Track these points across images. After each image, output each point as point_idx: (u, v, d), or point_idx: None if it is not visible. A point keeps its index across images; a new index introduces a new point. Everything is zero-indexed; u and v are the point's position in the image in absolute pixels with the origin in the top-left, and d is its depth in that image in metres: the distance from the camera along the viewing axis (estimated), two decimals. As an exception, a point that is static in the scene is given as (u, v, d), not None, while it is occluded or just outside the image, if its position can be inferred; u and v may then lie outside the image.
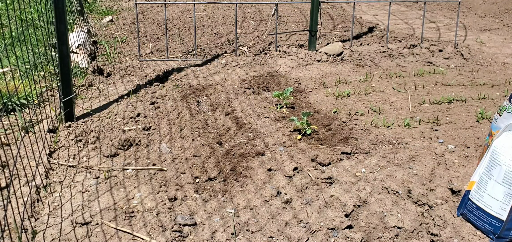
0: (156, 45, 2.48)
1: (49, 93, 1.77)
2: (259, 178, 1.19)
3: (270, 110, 1.61)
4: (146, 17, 3.11)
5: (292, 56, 2.26)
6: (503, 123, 1.04)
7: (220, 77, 1.99)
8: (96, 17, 3.14)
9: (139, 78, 1.97)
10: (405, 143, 1.40)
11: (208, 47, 2.43)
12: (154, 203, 1.12)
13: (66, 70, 1.54)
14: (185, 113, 1.58)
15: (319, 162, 1.27)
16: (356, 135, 1.46)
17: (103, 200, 1.14)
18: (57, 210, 1.10)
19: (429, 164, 1.24)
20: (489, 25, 3.08)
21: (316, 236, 1.00)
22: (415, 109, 1.66)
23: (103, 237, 1.00)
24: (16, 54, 1.78)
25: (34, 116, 1.59)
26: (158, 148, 1.39)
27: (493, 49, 2.52)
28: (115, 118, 1.60)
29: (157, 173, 1.26)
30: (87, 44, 2.33)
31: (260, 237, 1.00)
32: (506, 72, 2.15)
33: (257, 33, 2.71)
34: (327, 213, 1.05)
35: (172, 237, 0.99)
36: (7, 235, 0.95)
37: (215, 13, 3.23)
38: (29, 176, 1.20)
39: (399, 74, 2.07)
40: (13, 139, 1.43)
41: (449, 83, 1.96)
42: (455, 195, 1.13)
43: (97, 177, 1.25)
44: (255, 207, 1.09)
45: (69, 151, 1.38)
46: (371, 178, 1.18)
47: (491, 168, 1.00)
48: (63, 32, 1.49)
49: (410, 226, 1.02)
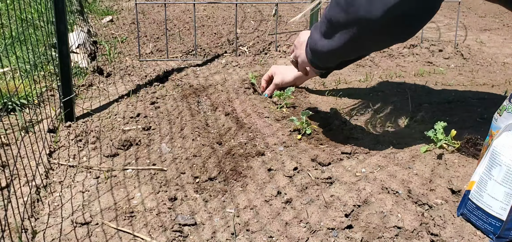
0: (156, 45, 2.48)
1: (49, 93, 1.77)
2: (260, 178, 1.20)
3: (271, 110, 1.61)
4: (146, 17, 3.11)
5: (292, 56, 2.26)
6: (503, 123, 1.04)
7: (220, 77, 1.99)
8: (96, 17, 3.14)
9: (139, 78, 1.97)
10: (405, 142, 1.40)
11: (208, 47, 2.43)
12: (155, 203, 1.12)
13: (66, 70, 1.54)
14: (185, 113, 1.58)
15: (319, 162, 1.27)
16: (356, 134, 1.46)
17: (103, 200, 1.14)
18: (57, 210, 1.10)
19: (429, 164, 1.24)
20: (489, 25, 3.08)
21: (317, 235, 1.00)
22: (415, 109, 1.66)
23: (103, 237, 1.00)
24: (16, 54, 1.78)
25: (34, 116, 1.59)
26: (159, 148, 1.39)
27: (493, 49, 2.52)
28: (115, 118, 1.60)
29: (158, 173, 1.26)
30: (87, 44, 2.33)
31: (260, 237, 1.00)
32: (506, 72, 2.15)
33: (257, 33, 2.71)
34: (327, 213, 1.05)
35: (173, 237, 0.99)
36: (7, 235, 0.95)
37: (215, 13, 3.23)
38: (29, 176, 1.20)
39: (399, 74, 2.07)
40: (13, 138, 1.43)
41: (449, 83, 1.96)
42: (455, 195, 1.13)
43: (97, 177, 1.25)
44: (256, 207, 1.09)
45: (69, 151, 1.38)
46: (371, 178, 1.18)
47: (491, 168, 1.00)
48: (63, 32, 1.49)
49: (410, 226, 1.02)
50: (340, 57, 1.30)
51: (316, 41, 1.27)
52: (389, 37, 1.15)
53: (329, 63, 1.37)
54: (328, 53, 1.25)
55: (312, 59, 1.35)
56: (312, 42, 1.30)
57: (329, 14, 1.17)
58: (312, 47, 1.31)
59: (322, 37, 1.24)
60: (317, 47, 1.27)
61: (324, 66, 1.40)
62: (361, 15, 1.07)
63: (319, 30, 1.26)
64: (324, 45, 1.24)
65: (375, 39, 1.17)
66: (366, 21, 1.07)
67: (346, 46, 1.18)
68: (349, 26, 1.12)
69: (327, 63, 1.37)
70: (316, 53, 1.30)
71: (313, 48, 1.30)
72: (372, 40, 1.17)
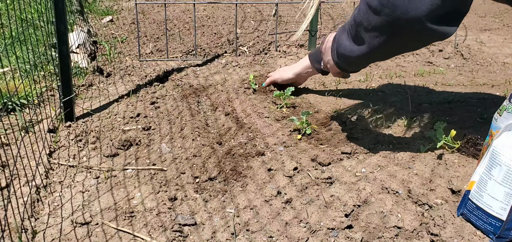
0: (156, 45, 2.48)
1: (49, 93, 1.77)
2: (260, 178, 1.20)
3: (271, 110, 1.61)
4: (146, 17, 3.11)
5: (292, 56, 2.26)
6: (503, 123, 1.04)
7: (220, 77, 1.99)
8: (96, 17, 3.14)
9: (139, 78, 1.97)
10: (405, 142, 1.40)
11: (208, 47, 2.43)
12: (155, 203, 1.12)
13: (66, 70, 1.54)
14: (185, 113, 1.58)
15: (319, 162, 1.27)
16: (356, 134, 1.46)
17: (104, 200, 1.14)
18: (57, 210, 1.10)
19: (429, 164, 1.24)
20: (489, 25, 3.08)
21: (317, 235, 1.00)
22: (415, 109, 1.66)
23: (103, 237, 1.00)
24: (16, 54, 1.78)
25: (34, 116, 1.59)
26: (158, 148, 1.39)
27: (493, 49, 2.52)
28: (115, 118, 1.60)
29: (158, 173, 1.26)
30: (87, 44, 2.33)
31: (260, 237, 1.00)
32: (506, 72, 2.15)
33: (257, 33, 2.71)
34: (327, 213, 1.05)
35: (173, 237, 0.99)
36: (7, 235, 0.95)
37: (215, 13, 3.23)
38: (29, 176, 1.20)
39: (399, 74, 2.07)
40: (13, 138, 1.43)
41: (449, 83, 1.96)
42: (455, 195, 1.13)
43: (97, 177, 1.25)
44: (256, 207, 1.09)
45: (69, 151, 1.38)
46: (371, 178, 1.18)
47: (491, 168, 1.00)
48: (63, 32, 1.49)
49: (410, 226, 1.02)
50: (371, 61, 1.29)
51: (346, 47, 1.24)
52: (429, 36, 1.07)
53: (360, 67, 1.36)
54: (358, 58, 1.22)
55: (342, 65, 1.33)
56: (341, 48, 1.27)
57: (359, 18, 1.14)
58: (341, 53, 1.28)
59: (352, 42, 1.21)
60: (346, 53, 1.25)
61: (354, 70, 1.39)
62: (397, 15, 1.03)
63: (348, 35, 1.23)
64: (355, 51, 1.21)
65: (411, 40, 1.10)
66: (406, 20, 1.02)
67: (378, 50, 1.14)
68: (383, 28, 1.08)
69: (357, 68, 1.36)
70: (345, 59, 1.28)
71: (342, 54, 1.27)
72: (408, 41, 1.11)
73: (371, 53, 1.17)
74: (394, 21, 1.05)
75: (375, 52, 1.16)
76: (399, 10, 1.02)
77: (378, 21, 1.08)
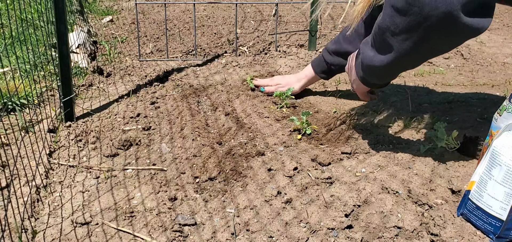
0: (156, 45, 2.48)
1: (49, 93, 1.77)
2: (260, 178, 1.20)
3: (271, 110, 1.61)
4: (146, 17, 3.11)
5: (292, 56, 2.26)
6: (503, 123, 1.04)
7: (220, 77, 1.99)
8: (96, 17, 3.14)
9: (139, 78, 1.97)
10: (405, 142, 1.40)
11: (208, 47, 2.43)
12: (155, 203, 1.12)
13: (66, 70, 1.54)
14: (185, 113, 1.58)
15: (319, 162, 1.27)
16: (356, 134, 1.46)
17: (104, 200, 1.14)
18: (57, 210, 1.10)
19: (429, 164, 1.24)
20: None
21: (317, 235, 1.00)
22: (415, 109, 1.66)
23: (103, 237, 1.00)
24: (16, 54, 1.78)
25: (34, 116, 1.59)
26: (159, 148, 1.39)
27: (493, 49, 2.52)
28: (115, 118, 1.60)
29: (158, 173, 1.26)
30: (87, 44, 2.33)
31: (260, 237, 1.00)
32: (506, 72, 2.15)
33: (257, 33, 2.71)
34: (327, 213, 1.05)
35: (173, 237, 0.99)
36: (7, 235, 0.96)
37: (215, 13, 3.23)
38: (29, 176, 1.20)
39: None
40: (13, 138, 1.43)
41: (449, 83, 1.96)
42: (455, 195, 1.13)
43: (97, 177, 1.25)
44: (256, 207, 1.09)
45: (69, 151, 1.38)
46: (371, 178, 1.18)
47: (491, 168, 1.00)
48: (63, 32, 1.49)
49: (410, 226, 1.02)
50: (400, 69, 1.19)
51: (371, 58, 1.16)
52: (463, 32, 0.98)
53: (388, 78, 1.26)
54: (387, 67, 1.13)
55: (368, 78, 1.25)
56: (366, 60, 1.18)
57: (384, 24, 1.06)
58: (366, 65, 1.20)
59: (377, 53, 1.14)
60: (372, 63, 1.16)
61: (382, 83, 1.32)
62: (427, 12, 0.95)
63: (372, 46, 1.15)
64: (382, 60, 1.13)
65: (444, 39, 1.01)
66: (437, 17, 0.95)
67: (408, 55, 1.06)
68: (412, 30, 1.01)
69: (385, 79, 1.27)
70: (372, 71, 1.20)
71: (368, 65, 1.19)
72: (441, 40, 1.02)
73: (400, 59, 1.08)
74: (424, 20, 0.97)
75: (405, 58, 1.08)
76: (429, 7, 0.94)
77: (406, 22, 1.00)
